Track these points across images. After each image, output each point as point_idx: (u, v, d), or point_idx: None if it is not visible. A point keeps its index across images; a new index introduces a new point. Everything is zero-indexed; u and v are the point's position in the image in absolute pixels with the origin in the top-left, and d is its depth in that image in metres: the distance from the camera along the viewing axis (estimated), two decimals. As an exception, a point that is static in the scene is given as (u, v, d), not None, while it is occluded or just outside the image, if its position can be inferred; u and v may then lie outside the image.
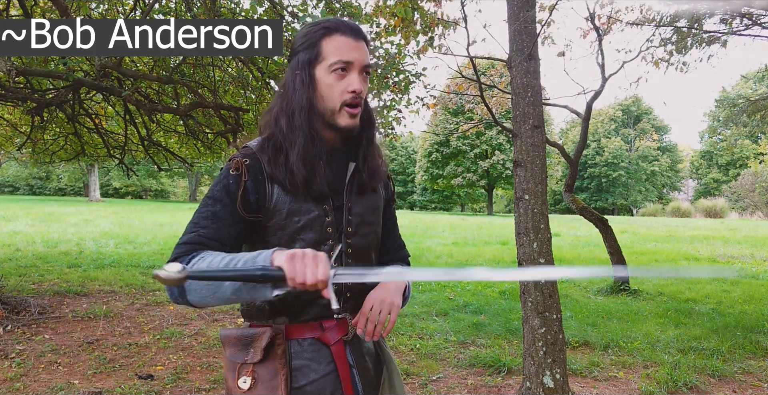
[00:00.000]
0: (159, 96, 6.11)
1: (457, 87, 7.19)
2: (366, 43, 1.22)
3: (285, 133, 1.21)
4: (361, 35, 1.21)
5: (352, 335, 1.26)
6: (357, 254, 1.27)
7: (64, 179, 42.60)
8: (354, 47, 1.18)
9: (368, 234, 1.30)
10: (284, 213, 1.20)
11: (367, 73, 1.22)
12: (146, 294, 6.29)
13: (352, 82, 1.17)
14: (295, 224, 1.20)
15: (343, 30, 1.19)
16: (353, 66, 1.18)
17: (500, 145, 35.74)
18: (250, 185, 1.18)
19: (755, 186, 34.27)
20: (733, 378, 3.91)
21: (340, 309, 1.23)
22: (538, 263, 3.15)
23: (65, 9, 3.86)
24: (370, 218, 1.30)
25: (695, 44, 5.95)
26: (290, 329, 1.22)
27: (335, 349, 1.23)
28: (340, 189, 1.26)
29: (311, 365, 1.21)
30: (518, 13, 3.18)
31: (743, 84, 40.65)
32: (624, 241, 11.92)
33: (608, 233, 6.91)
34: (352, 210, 1.26)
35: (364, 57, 1.19)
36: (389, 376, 1.33)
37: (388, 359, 1.35)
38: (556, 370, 3.08)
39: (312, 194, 1.21)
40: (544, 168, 3.21)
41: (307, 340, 1.22)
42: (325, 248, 1.22)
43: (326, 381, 1.21)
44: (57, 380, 3.57)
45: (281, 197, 1.20)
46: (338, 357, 1.22)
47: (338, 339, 1.24)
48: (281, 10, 4.59)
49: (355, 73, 1.18)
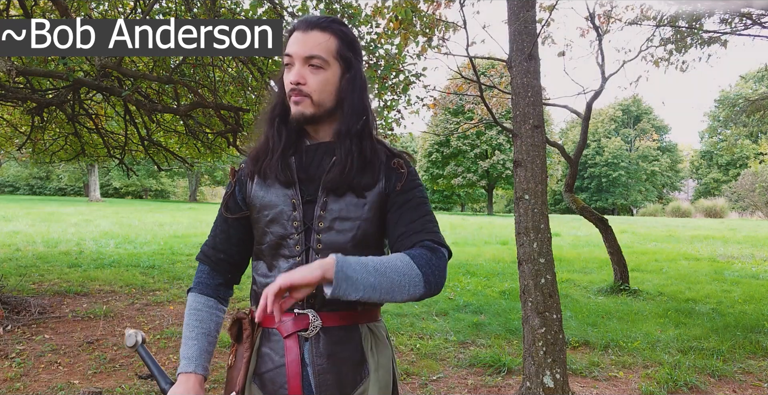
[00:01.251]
0: (159, 96, 6.11)
1: (458, 88, 7.19)
2: (326, 31, 1.21)
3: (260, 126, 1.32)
4: (315, 26, 1.21)
5: (314, 332, 1.22)
6: (328, 251, 1.19)
7: (64, 179, 42.63)
8: (299, 40, 1.20)
9: (347, 230, 1.24)
10: (257, 207, 1.28)
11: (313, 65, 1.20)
12: (146, 294, 6.29)
13: (291, 74, 1.21)
14: (265, 217, 1.27)
15: (298, 26, 1.23)
16: (293, 58, 1.21)
17: (500, 145, 35.75)
18: (237, 189, 1.33)
19: (755, 186, 34.27)
20: (733, 378, 3.91)
21: (304, 305, 1.23)
22: (539, 263, 3.15)
23: (65, 9, 3.86)
24: (351, 214, 1.24)
25: (695, 44, 5.96)
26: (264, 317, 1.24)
27: (288, 343, 1.22)
28: (317, 182, 1.25)
29: (271, 354, 1.25)
30: (518, 13, 3.18)
31: (743, 84, 40.66)
32: (624, 241, 11.92)
33: (608, 233, 6.91)
34: (327, 205, 1.24)
35: (305, 48, 1.20)
36: (371, 389, 1.23)
37: (373, 369, 1.25)
38: (556, 370, 3.08)
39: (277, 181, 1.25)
40: (544, 168, 3.22)
41: (273, 330, 1.26)
42: (290, 242, 1.24)
43: (278, 373, 1.23)
44: (57, 380, 3.57)
45: (257, 191, 1.28)
46: (289, 351, 1.22)
47: (292, 333, 1.22)
48: (281, 10, 4.59)
49: (296, 65, 1.21)
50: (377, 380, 1.25)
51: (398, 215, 1.25)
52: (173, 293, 6.38)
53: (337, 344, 1.23)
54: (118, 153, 7.62)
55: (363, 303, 1.26)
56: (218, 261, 1.33)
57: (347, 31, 1.26)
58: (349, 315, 1.25)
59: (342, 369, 1.23)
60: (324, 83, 1.22)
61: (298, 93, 1.21)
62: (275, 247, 1.26)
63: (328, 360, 1.22)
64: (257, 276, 1.30)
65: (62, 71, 4.17)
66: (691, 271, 9.15)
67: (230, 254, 1.33)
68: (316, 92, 1.21)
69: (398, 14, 4.25)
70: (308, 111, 1.23)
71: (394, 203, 1.27)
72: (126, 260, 8.66)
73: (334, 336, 1.23)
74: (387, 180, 1.29)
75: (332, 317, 1.23)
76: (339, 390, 1.22)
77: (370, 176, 1.26)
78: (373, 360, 1.26)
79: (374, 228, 1.27)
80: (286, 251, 1.25)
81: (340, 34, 1.23)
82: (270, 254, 1.27)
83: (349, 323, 1.25)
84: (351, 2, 4.61)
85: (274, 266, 1.26)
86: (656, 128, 50.00)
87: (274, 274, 1.25)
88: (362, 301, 1.12)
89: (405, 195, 1.27)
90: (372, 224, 1.26)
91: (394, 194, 1.28)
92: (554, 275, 3.21)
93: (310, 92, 1.21)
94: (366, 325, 1.28)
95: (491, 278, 8.04)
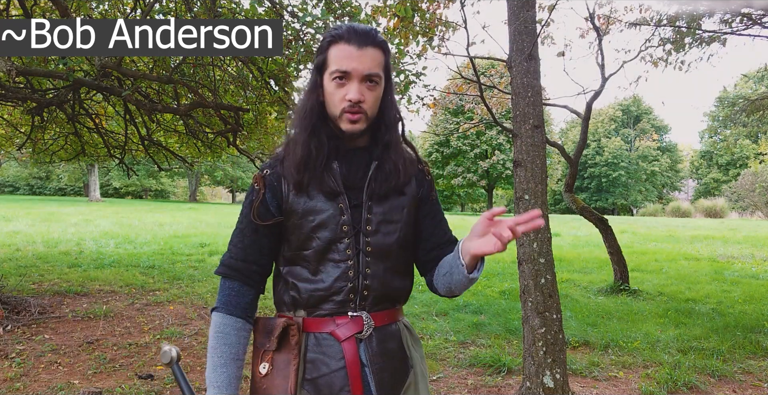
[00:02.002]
0: (159, 96, 6.11)
1: (458, 88, 7.19)
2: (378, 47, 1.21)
3: (293, 131, 1.29)
4: (369, 42, 1.20)
5: (368, 333, 1.25)
6: (377, 253, 1.27)
7: (64, 179, 42.57)
8: (355, 56, 1.18)
9: (392, 233, 1.28)
10: (299, 213, 1.25)
11: (372, 81, 1.21)
12: (146, 294, 6.29)
13: (350, 91, 1.19)
14: (310, 222, 1.24)
15: (347, 38, 1.19)
16: (351, 76, 1.19)
17: (500, 145, 35.75)
18: (268, 196, 1.27)
19: (755, 186, 34.27)
20: (733, 378, 3.91)
21: (356, 308, 1.25)
22: (539, 263, 3.15)
23: (65, 9, 3.86)
24: (394, 217, 1.29)
25: (695, 44, 5.95)
26: (308, 322, 1.26)
27: (346, 346, 1.23)
28: (360, 187, 1.27)
29: (324, 359, 1.24)
30: (518, 13, 3.18)
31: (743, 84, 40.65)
32: (624, 241, 11.92)
33: (608, 233, 6.91)
34: (372, 209, 1.27)
35: (365, 66, 1.19)
36: (415, 380, 1.31)
37: (416, 363, 1.33)
38: (556, 370, 3.08)
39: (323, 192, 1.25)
40: (544, 168, 3.22)
41: (322, 335, 1.25)
42: (340, 247, 1.24)
43: (336, 377, 1.23)
44: (57, 380, 3.57)
45: (296, 197, 1.25)
46: (348, 354, 1.23)
47: (350, 336, 1.24)
48: (281, 10, 4.59)
49: (354, 83, 1.19)
50: (420, 372, 1.33)
51: (434, 225, 1.37)
52: (173, 293, 6.38)
53: (386, 342, 1.28)
54: (118, 153, 7.62)
55: (402, 300, 1.35)
56: (250, 274, 1.28)
57: (386, 42, 1.27)
58: (391, 313, 1.32)
59: (393, 366, 1.28)
60: (377, 99, 1.25)
61: (358, 111, 1.21)
62: (323, 252, 1.25)
63: (382, 358, 1.26)
64: (298, 282, 1.27)
65: (62, 71, 4.17)
66: (691, 271, 9.14)
67: (262, 264, 1.30)
68: (371, 109, 1.24)
69: (398, 13, 4.25)
70: (363, 127, 1.24)
71: (429, 212, 1.37)
72: (126, 260, 8.66)
73: (383, 334, 1.28)
74: (418, 184, 1.35)
75: (380, 316, 1.28)
76: (394, 386, 1.27)
77: (398, 182, 1.30)
78: (415, 354, 1.34)
79: (412, 230, 1.34)
80: (335, 256, 1.25)
81: (386, 47, 1.25)
82: (316, 259, 1.25)
83: (392, 321, 1.31)
84: (351, 1, 4.61)
85: (320, 271, 1.25)
86: (656, 128, 49.99)
87: (320, 278, 1.25)
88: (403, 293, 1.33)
89: (436, 205, 1.38)
90: (410, 226, 1.33)
91: (428, 202, 1.37)
92: (554, 275, 3.21)
93: (367, 109, 1.22)
94: (401, 322, 1.35)
95: (491, 278, 8.04)
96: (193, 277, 7.48)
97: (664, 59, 6.12)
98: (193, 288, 6.71)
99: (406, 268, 1.35)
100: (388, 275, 1.28)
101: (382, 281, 1.27)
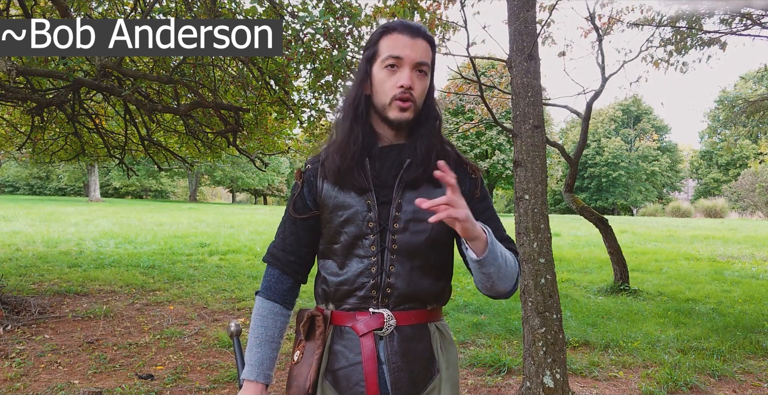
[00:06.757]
0: (159, 96, 6.11)
1: (458, 88, 7.19)
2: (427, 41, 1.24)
3: (337, 123, 1.31)
4: (420, 34, 1.23)
5: (389, 331, 1.25)
6: (404, 251, 1.26)
7: (64, 179, 42.58)
8: (408, 44, 1.21)
9: (421, 232, 1.26)
10: (330, 207, 1.29)
11: (422, 71, 1.23)
12: (146, 294, 6.29)
13: (402, 77, 1.21)
14: (339, 217, 1.27)
15: (400, 29, 1.23)
16: (404, 62, 1.21)
17: (500, 145, 35.75)
18: (305, 191, 1.33)
19: (755, 186, 34.26)
20: (733, 378, 3.91)
21: (378, 305, 1.26)
22: (539, 263, 3.15)
23: (65, 9, 3.86)
24: (425, 216, 1.22)
25: (695, 45, 5.95)
26: (335, 315, 1.30)
27: (364, 341, 1.24)
28: (391, 186, 1.26)
29: (344, 352, 1.27)
30: (518, 13, 3.18)
31: (743, 84, 40.64)
32: (624, 241, 11.92)
33: (608, 233, 6.91)
34: (402, 207, 1.26)
35: (417, 54, 1.21)
36: (440, 386, 1.28)
37: (444, 367, 1.30)
38: (556, 370, 3.08)
39: (353, 187, 1.26)
40: (544, 168, 3.21)
41: (345, 328, 1.27)
42: (365, 243, 1.25)
43: (354, 371, 1.25)
44: (57, 380, 3.57)
45: (329, 192, 1.29)
46: (366, 349, 1.24)
47: (367, 332, 1.24)
48: (281, 9, 4.59)
49: (406, 69, 1.21)
50: (449, 377, 1.30)
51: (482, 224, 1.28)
52: (173, 293, 6.38)
53: (410, 342, 1.27)
54: (118, 153, 7.62)
55: (433, 301, 1.32)
56: (288, 263, 1.35)
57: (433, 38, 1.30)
58: (420, 314, 1.29)
59: (415, 367, 1.27)
60: (424, 90, 1.26)
61: (408, 98, 1.22)
62: (349, 247, 1.27)
63: (402, 358, 1.26)
64: (328, 275, 1.31)
65: (62, 71, 4.17)
66: (691, 271, 9.15)
67: (300, 255, 1.35)
68: (419, 98, 1.25)
69: (397, 14, 4.24)
70: (411, 116, 1.25)
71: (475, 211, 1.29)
72: (126, 260, 8.66)
73: (407, 334, 1.27)
74: (460, 183, 1.27)
75: (405, 316, 1.27)
76: (412, 387, 1.26)
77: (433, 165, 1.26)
78: (443, 358, 1.31)
79: (447, 228, 1.27)
80: (360, 251, 1.26)
81: (434, 43, 1.27)
82: (343, 254, 1.28)
83: (420, 321, 1.29)
84: (351, 2, 4.61)
85: (346, 265, 1.28)
86: (656, 128, 49.98)
87: (345, 272, 1.27)
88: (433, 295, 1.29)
89: (484, 203, 1.35)
90: (444, 225, 1.24)
91: (473, 200, 1.32)
92: (554, 275, 3.21)
93: (416, 98, 1.23)
94: (434, 324, 1.32)
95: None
96: (193, 277, 7.48)
97: (666, 60, 6.12)
98: (193, 288, 6.71)
99: (439, 269, 1.31)
100: (416, 275, 1.27)
101: (407, 280, 1.26)
